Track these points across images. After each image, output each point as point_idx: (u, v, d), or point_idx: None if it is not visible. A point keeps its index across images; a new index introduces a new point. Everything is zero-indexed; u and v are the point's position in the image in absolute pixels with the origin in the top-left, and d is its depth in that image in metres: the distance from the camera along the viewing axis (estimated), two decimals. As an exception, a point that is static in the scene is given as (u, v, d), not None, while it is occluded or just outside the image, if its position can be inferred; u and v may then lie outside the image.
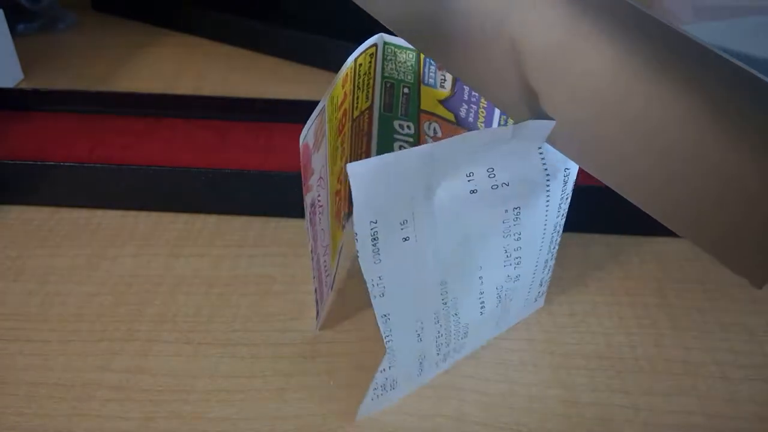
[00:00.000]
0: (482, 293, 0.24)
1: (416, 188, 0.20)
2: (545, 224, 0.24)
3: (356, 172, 0.18)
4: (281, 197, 0.32)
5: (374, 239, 0.20)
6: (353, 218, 0.19)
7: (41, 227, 0.32)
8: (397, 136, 0.30)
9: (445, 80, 0.27)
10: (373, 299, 0.21)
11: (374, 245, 0.20)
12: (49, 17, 0.52)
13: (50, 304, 0.28)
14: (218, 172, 0.32)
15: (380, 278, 0.21)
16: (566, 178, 0.23)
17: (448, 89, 0.27)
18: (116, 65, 0.47)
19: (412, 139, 0.30)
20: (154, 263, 0.30)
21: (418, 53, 0.27)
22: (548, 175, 0.22)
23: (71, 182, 0.33)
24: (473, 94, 0.26)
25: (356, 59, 0.26)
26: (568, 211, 0.25)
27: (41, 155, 0.34)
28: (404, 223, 0.20)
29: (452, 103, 0.27)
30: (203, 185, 0.32)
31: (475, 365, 0.26)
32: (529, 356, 0.26)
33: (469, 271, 0.23)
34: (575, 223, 0.31)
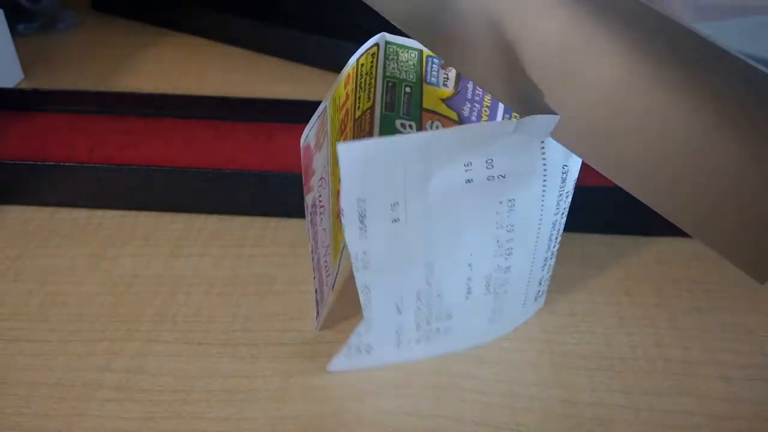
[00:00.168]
0: (470, 279, 0.24)
1: (411, 173, 0.20)
2: (540, 219, 0.24)
3: (346, 150, 0.19)
4: (281, 197, 0.32)
5: (362, 216, 0.20)
6: (341, 193, 0.20)
7: (41, 227, 0.32)
8: None
9: (447, 79, 0.27)
10: (355, 270, 0.22)
11: (361, 222, 0.21)
12: (49, 17, 0.52)
13: (50, 304, 0.28)
14: (218, 172, 0.32)
15: (365, 253, 0.21)
16: (565, 175, 0.23)
17: (451, 88, 0.27)
18: (116, 65, 0.47)
19: None
20: (154, 263, 0.30)
21: (420, 52, 0.27)
22: (546, 170, 0.22)
23: (71, 182, 0.33)
24: (477, 92, 0.26)
25: (358, 59, 0.26)
26: (568, 211, 0.25)
27: (41, 155, 0.34)
28: (395, 205, 0.21)
29: (455, 101, 0.27)
30: (203, 185, 0.32)
31: (475, 365, 0.26)
32: (529, 356, 0.26)
33: (457, 256, 0.23)
34: (575, 223, 0.31)
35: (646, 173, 0.19)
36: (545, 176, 0.23)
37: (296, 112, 0.37)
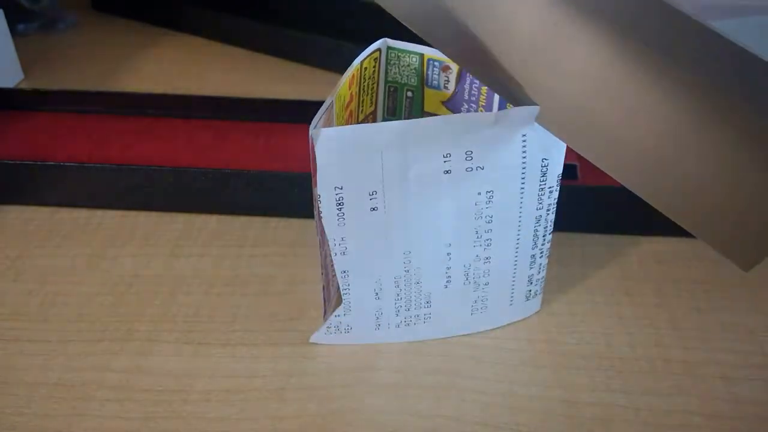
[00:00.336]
0: (449, 268, 0.25)
1: (390, 162, 0.21)
2: (520, 212, 0.24)
3: (322, 136, 0.19)
4: (281, 197, 0.32)
5: (339, 204, 0.21)
6: (317, 180, 0.20)
7: (41, 227, 0.32)
8: None
9: (448, 81, 0.27)
10: (333, 256, 0.22)
11: (339, 209, 0.21)
12: (49, 17, 0.52)
13: (50, 304, 0.28)
14: (218, 172, 0.32)
15: (343, 239, 0.22)
16: (545, 168, 0.23)
17: (451, 90, 0.27)
18: (116, 65, 0.47)
19: None
20: (154, 263, 0.30)
21: (421, 56, 0.27)
22: (525, 163, 0.23)
23: (71, 182, 0.33)
24: (473, 93, 0.27)
25: (362, 62, 0.26)
26: (567, 211, 0.25)
27: (41, 155, 0.34)
28: (373, 194, 0.21)
29: (453, 103, 0.27)
30: (203, 185, 0.32)
31: (475, 365, 0.26)
32: (529, 356, 0.26)
33: (436, 245, 0.24)
34: (575, 223, 0.31)
35: (635, 161, 0.19)
36: (524, 169, 0.23)
37: (296, 112, 0.37)
